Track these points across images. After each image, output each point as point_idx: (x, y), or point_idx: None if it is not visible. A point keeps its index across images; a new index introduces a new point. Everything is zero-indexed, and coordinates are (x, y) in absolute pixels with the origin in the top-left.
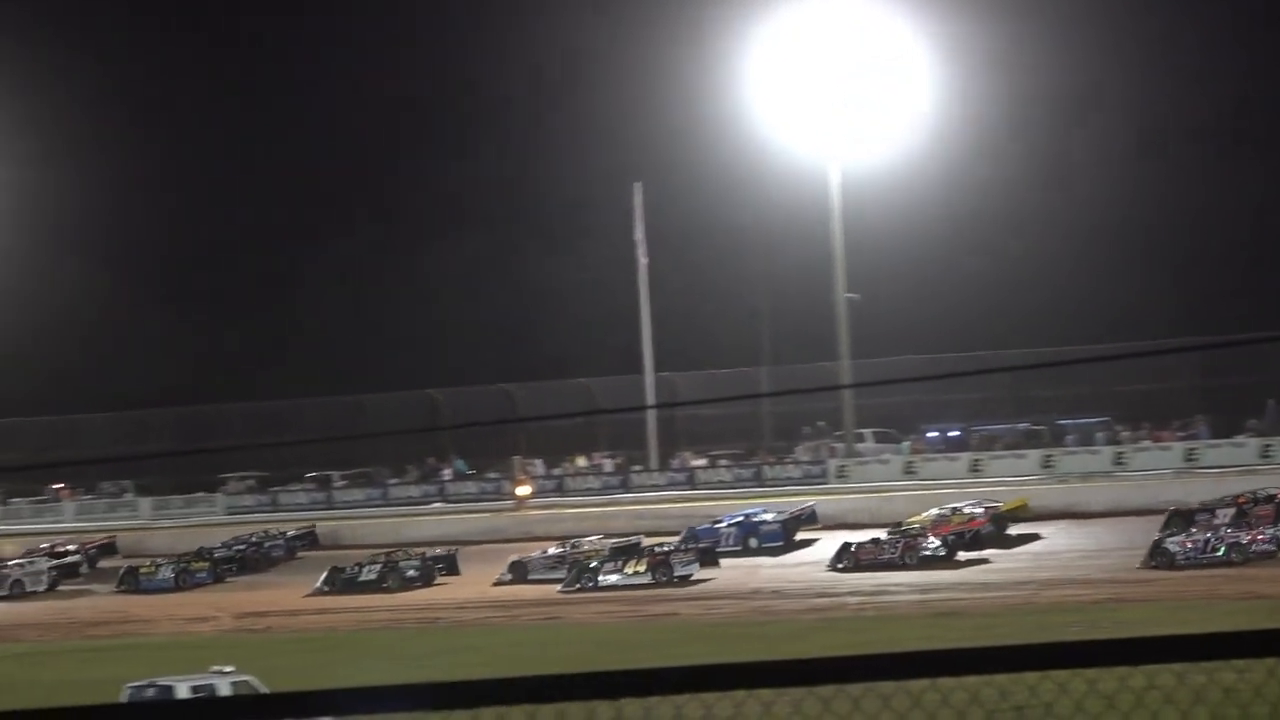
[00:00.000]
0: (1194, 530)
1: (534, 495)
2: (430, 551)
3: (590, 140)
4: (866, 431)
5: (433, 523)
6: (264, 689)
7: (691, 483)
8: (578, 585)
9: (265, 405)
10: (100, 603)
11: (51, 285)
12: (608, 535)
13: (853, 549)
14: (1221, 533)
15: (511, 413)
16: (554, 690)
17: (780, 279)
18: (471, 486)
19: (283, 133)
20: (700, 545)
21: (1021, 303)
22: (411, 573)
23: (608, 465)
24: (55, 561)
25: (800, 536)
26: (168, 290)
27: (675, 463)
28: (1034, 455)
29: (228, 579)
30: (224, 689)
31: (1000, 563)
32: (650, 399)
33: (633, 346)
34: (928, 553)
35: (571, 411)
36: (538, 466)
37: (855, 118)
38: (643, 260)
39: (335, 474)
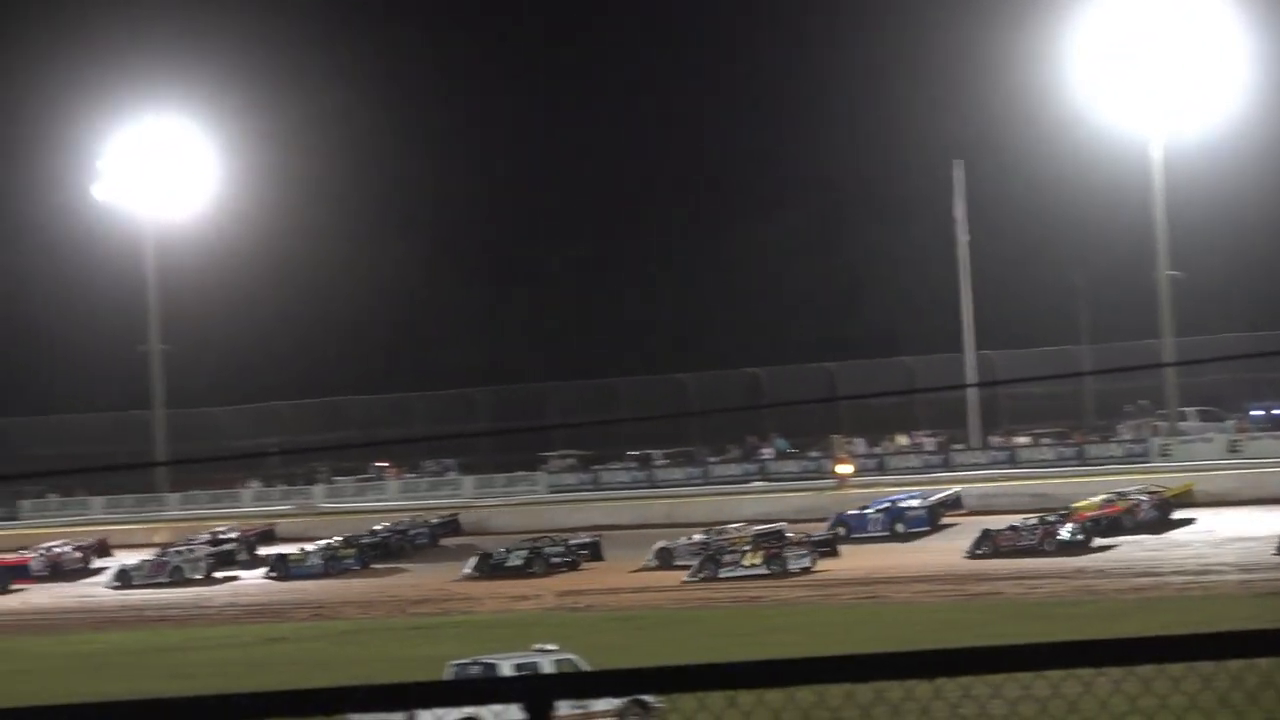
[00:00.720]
0: None
1: (855, 474)
2: (574, 538)
3: (912, 118)
4: (1190, 410)
5: (753, 501)
6: (586, 667)
7: (1013, 461)
8: (701, 575)
9: (587, 384)
10: (423, 580)
11: (380, 266)
12: (752, 522)
13: (992, 535)
14: None
15: (832, 391)
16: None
17: (1101, 255)
18: (792, 465)
19: (604, 115)
20: (814, 538)
21: None
22: (556, 559)
23: (929, 444)
24: (212, 549)
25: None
26: (492, 270)
27: (997, 441)
28: None
29: (372, 565)
30: (547, 667)
31: None
32: (970, 377)
33: (953, 324)
34: (1064, 538)
35: (891, 390)
36: (858, 445)
37: (1177, 92)
38: (963, 238)
39: (656, 452)
